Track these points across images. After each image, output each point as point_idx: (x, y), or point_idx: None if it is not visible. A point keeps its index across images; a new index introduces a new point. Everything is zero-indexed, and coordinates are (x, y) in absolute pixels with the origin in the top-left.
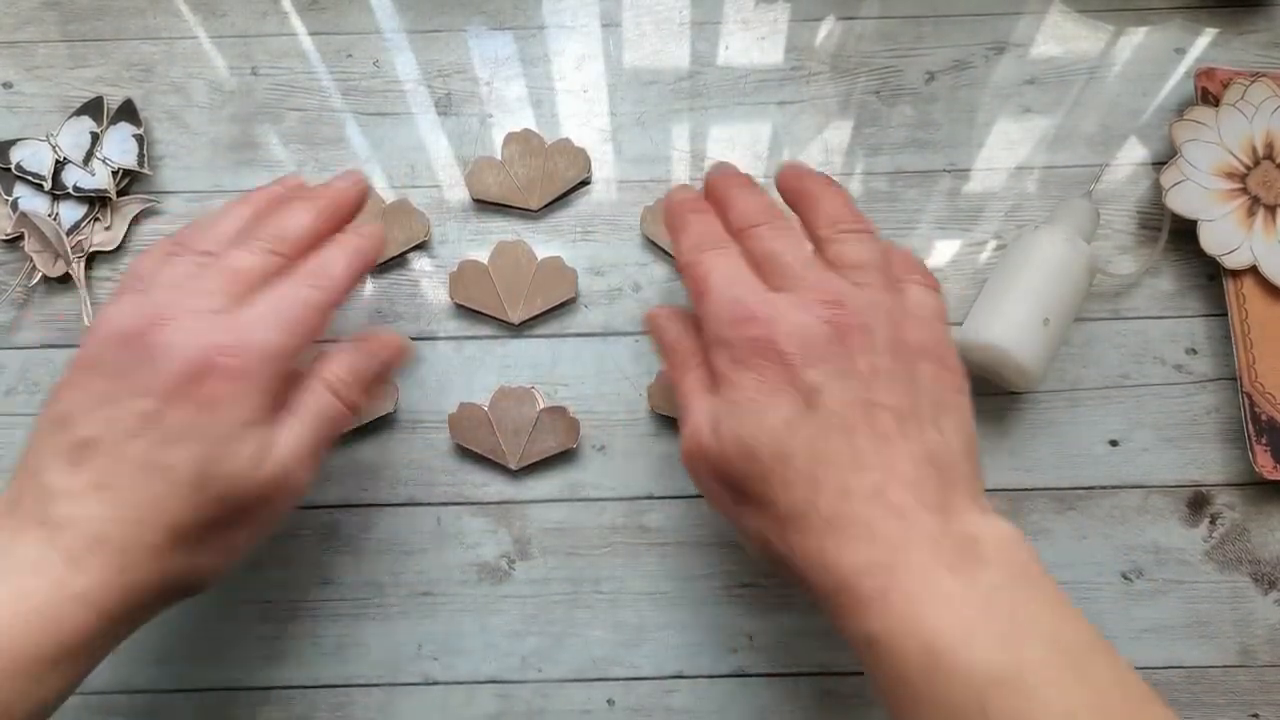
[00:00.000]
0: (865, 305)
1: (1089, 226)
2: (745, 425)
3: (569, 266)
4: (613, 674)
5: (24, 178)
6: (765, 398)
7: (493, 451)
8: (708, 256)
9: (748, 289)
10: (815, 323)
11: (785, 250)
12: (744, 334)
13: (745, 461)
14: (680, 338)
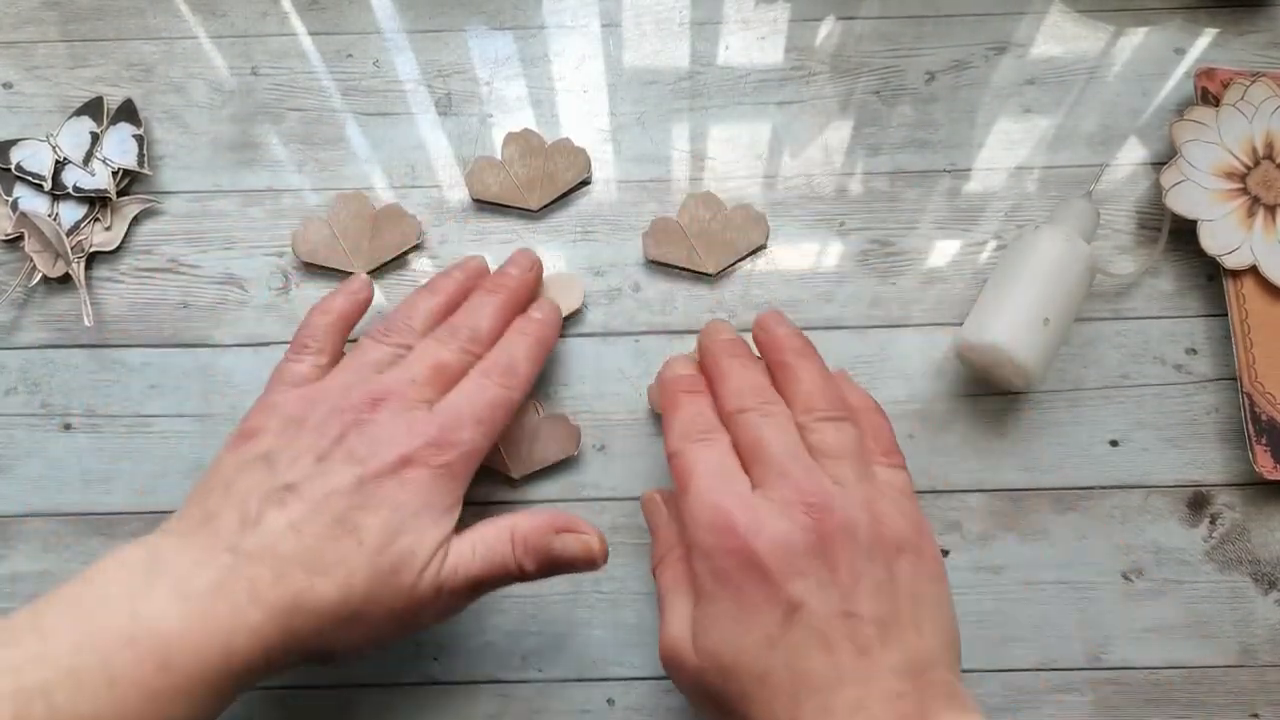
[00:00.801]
0: (846, 505)
1: (1089, 226)
2: (725, 644)
3: (576, 277)
4: (613, 674)
5: (24, 178)
6: (746, 613)
7: (494, 463)
8: (693, 449)
9: (729, 492)
10: (797, 530)
11: (771, 441)
12: (724, 544)
13: (724, 679)
14: (667, 525)
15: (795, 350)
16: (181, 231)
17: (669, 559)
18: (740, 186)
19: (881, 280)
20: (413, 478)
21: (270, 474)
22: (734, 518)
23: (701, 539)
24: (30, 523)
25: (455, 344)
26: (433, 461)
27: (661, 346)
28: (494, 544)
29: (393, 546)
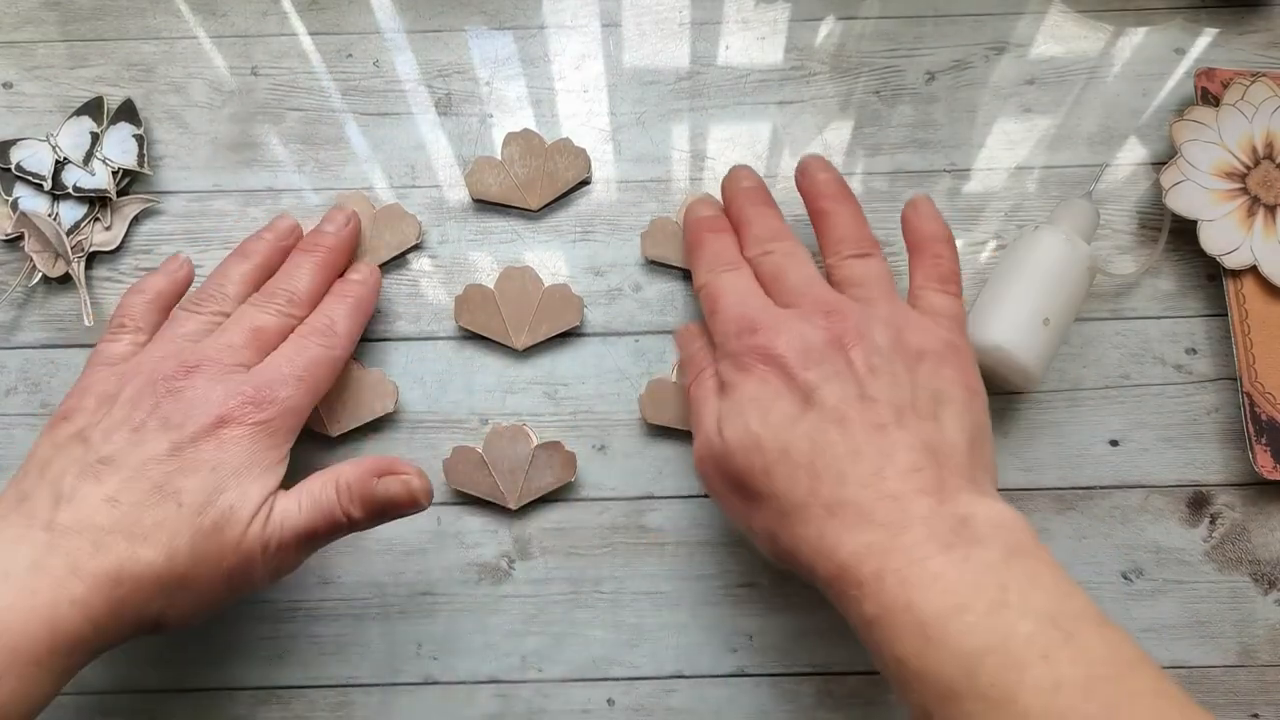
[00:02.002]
0: (862, 315)
1: (1089, 226)
2: (749, 422)
3: (575, 295)
4: (613, 674)
5: (24, 178)
6: (766, 398)
7: (491, 493)
8: (721, 277)
9: (754, 304)
10: (814, 330)
11: (791, 270)
12: (747, 343)
13: (749, 456)
14: (698, 351)
15: (832, 196)
16: (181, 231)
17: (701, 378)
18: None
19: None
20: (232, 437)
21: (85, 450)
22: (756, 321)
23: (728, 344)
24: None
25: (273, 307)
26: (251, 419)
27: (661, 346)
28: (320, 496)
29: (213, 505)
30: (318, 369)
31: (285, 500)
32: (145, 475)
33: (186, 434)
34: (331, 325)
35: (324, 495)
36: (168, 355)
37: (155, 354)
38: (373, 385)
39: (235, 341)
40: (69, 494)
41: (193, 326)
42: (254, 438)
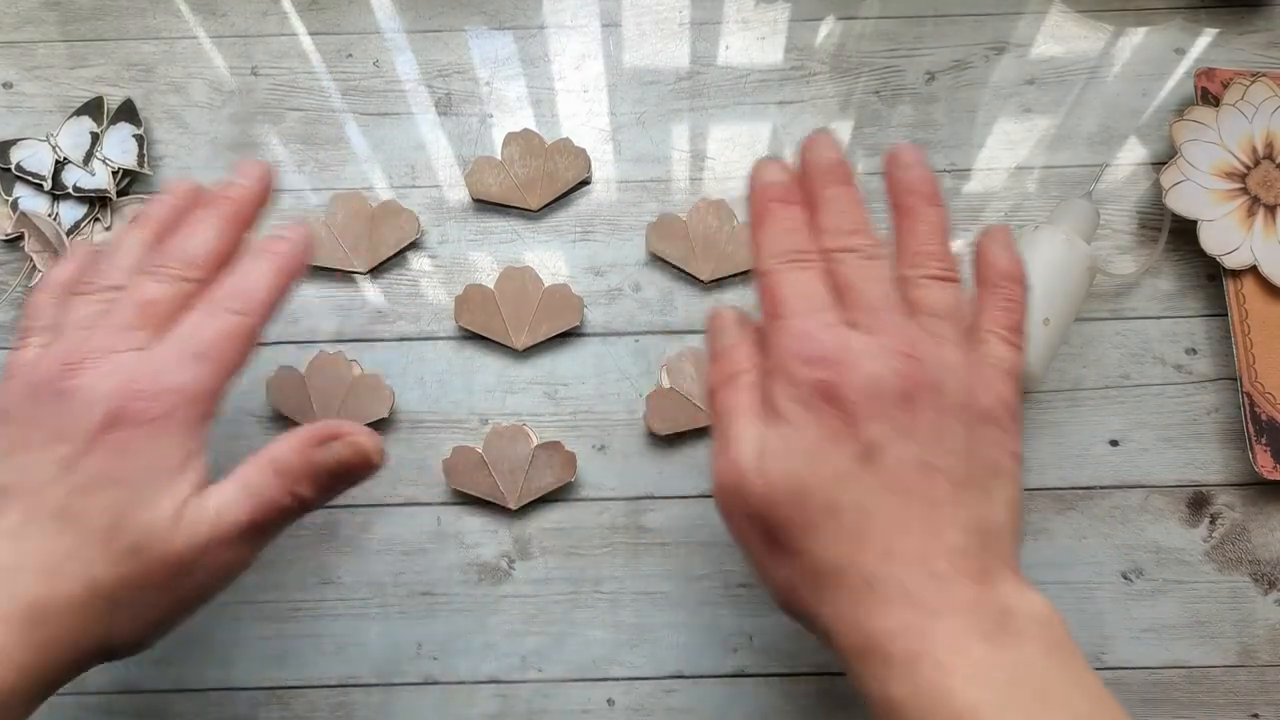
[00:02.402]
0: (938, 363)
1: (1089, 226)
2: (800, 467)
3: (575, 295)
4: (613, 674)
5: (24, 178)
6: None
7: (491, 493)
8: (787, 271)
9: (823, 323)
10: (887, 374)
11: (870, 284)
12: (812, 374)
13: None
14: (736, 346)
15: (924, 195)
16: None
17: (738, 382)
18: (740, 186)
19: None
20: (126, 440)
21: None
22: (826, 349)
23: (789, 366)
24: None
25: (164, 272)
26: (147, 415)
27: (661, 346)
28: (256, 483)
29: (123, 526)
30: (226, 343)
31: (218, 496)
32: (43, 502)
33: (77, 445)
34: (245, 290)
35: (261, 481)
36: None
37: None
38: (369, 389)
39: (124, 321)
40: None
41: (84, 311)
42: (153, 437)
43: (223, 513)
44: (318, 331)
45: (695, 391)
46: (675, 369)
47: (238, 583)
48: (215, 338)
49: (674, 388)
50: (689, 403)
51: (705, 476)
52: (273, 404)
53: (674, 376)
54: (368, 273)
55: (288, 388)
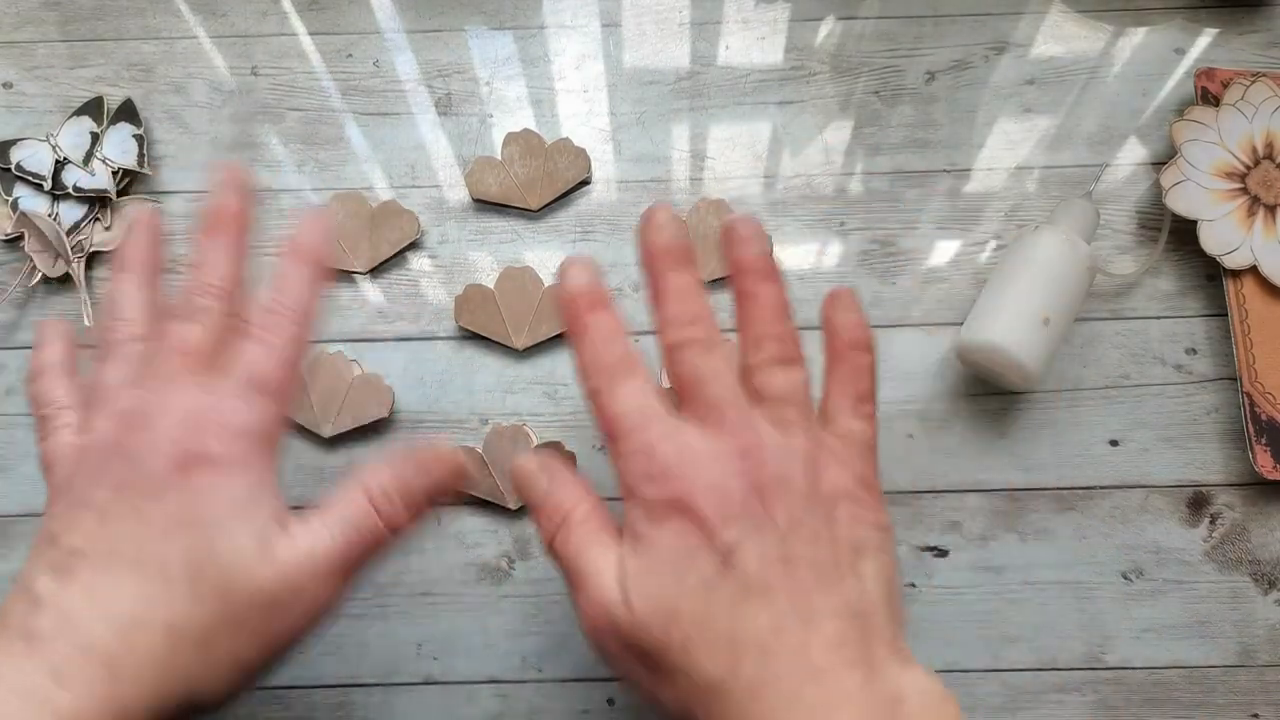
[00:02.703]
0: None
1: (1089, 226)
2: (664, 588)
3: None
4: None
5: (24, 178)
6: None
7: (490, 494)
8: (617, 389)
9: (660, 433)
10: (732, 476)
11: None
12: (659, 491)
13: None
14: (551, 492)
15: (759, 273)
16: (182, 231)
17: (570, 522)
18: (740, 186)
19: (881, 280)
20: (201, 484)
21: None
22: (668, 462)
23: (636, 486)
24: (30, 523)
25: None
26: (214, 455)
27: None
28: (350, 514)
29: (206, 565)
30: (283, 369)
31: (305, 528)
32: (119, 555)
33: (149, 493)
34: (285, 305)
35: (352, 511)
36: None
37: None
38: (369, 389)
39: (173, 368)
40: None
41: (113, 371)
42: (227, 475)
43: (313, 545)
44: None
45: None
46: None
47: None
48: (272, 367)
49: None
50: None
51: None
52: None
53: None
54: (368, 273)
55: None
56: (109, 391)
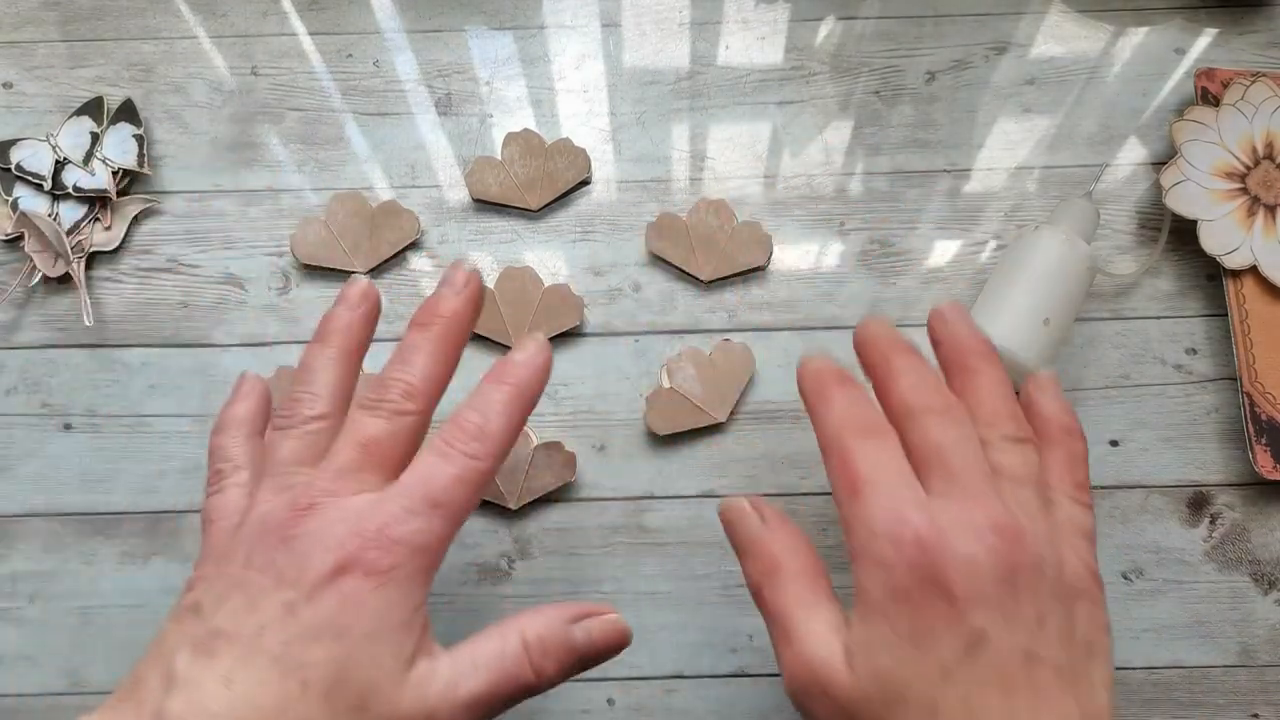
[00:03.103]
0: (1034, 536)
1: (1089, 226)
2: (897, 669)
3: (575, 295)
4: (613, 674)
5: (24, 178)
6: (922, 639)
7: (491, 493)
8: (861, 446)
9: (911, 501)
10: (985, 554)
11: (955, 451)
12: (907, 558)
13: (886, 705)
14: (766, 536)
15: (980, 354)
16: (181, 231)
17: (785, 573)
18: (740, 186)
19: (881, 280)
20: (354, 592)
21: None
22: (920, 531)
23: (879, 550)
24: (30, 523)
25: (385, 408)
26: (377, 566)
27: (661, 346)
28: (500, 654)
29: (346, 684)
30: (460, 490)
31: (452, 662)
32: (261, 647)
33: (302, 590)
34: (480, 427)
35: (508, 653)
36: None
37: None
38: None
39: (348, 463)
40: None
41: (290, 447)
42: (381, 589)
43: (457, 681)
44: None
45: (695, 391)
46: (675, 369)
47: None
48: (449, 484)
49: (674, 388)
50: (689, 403)
51: (705, 475)
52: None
53: (674, 376)
54: (368, 273)
55: (288, 388)
56: (283, 467)
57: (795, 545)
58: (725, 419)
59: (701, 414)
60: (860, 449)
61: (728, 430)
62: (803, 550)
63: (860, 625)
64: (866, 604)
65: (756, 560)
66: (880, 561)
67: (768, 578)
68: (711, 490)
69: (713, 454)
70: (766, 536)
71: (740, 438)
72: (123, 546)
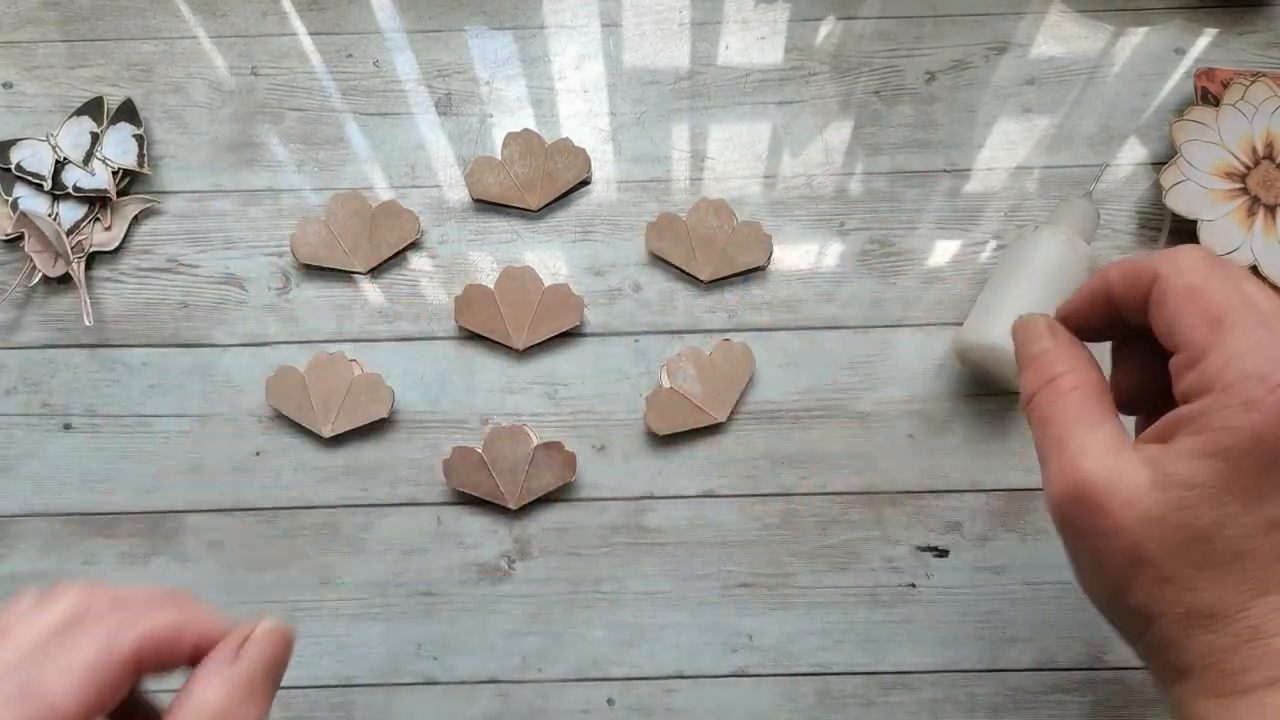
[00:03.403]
0: None
1: (1089, 226)
2: (1218, 508)
3: (575, 295)
4: (613, 674)
5: (24, 178)
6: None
7: (491, 494)
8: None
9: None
10: None
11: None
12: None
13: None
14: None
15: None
16: (181, 231)
17: (1061, 387)
18: (740, 186)
19: (881, 280)
20: None
21: None
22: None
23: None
24: (30, 523)
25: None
26: None
27: (661, 346)
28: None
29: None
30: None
31: None
32: None
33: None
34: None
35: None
36: None
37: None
38: (369, 389)
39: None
40: None
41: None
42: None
43: None
44: (318, 331)
45: (695, 391)
46: (675, 369)
47: (238, 583)
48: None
49: (674, 388)
50: (689, 403)
51: (705, 475)
52: (273, 404)
53: (674, 376)
54: (368, 273)
55: (288, 388)
56: None
57: (1080, 360)
58: (725, 419)
59: (701, 414)
60: (1211, 284)
61: (728, 430)
62: (1088, 367)
63: (1186, 458)
64: (1206, 438)
65: (1035, 371)
66: (1247, 401)
67: (1044, 387)
68: (712, 490)
69: (713, 454)
70: (1051, 348)
71: (740, 438)
72: (122, 546)
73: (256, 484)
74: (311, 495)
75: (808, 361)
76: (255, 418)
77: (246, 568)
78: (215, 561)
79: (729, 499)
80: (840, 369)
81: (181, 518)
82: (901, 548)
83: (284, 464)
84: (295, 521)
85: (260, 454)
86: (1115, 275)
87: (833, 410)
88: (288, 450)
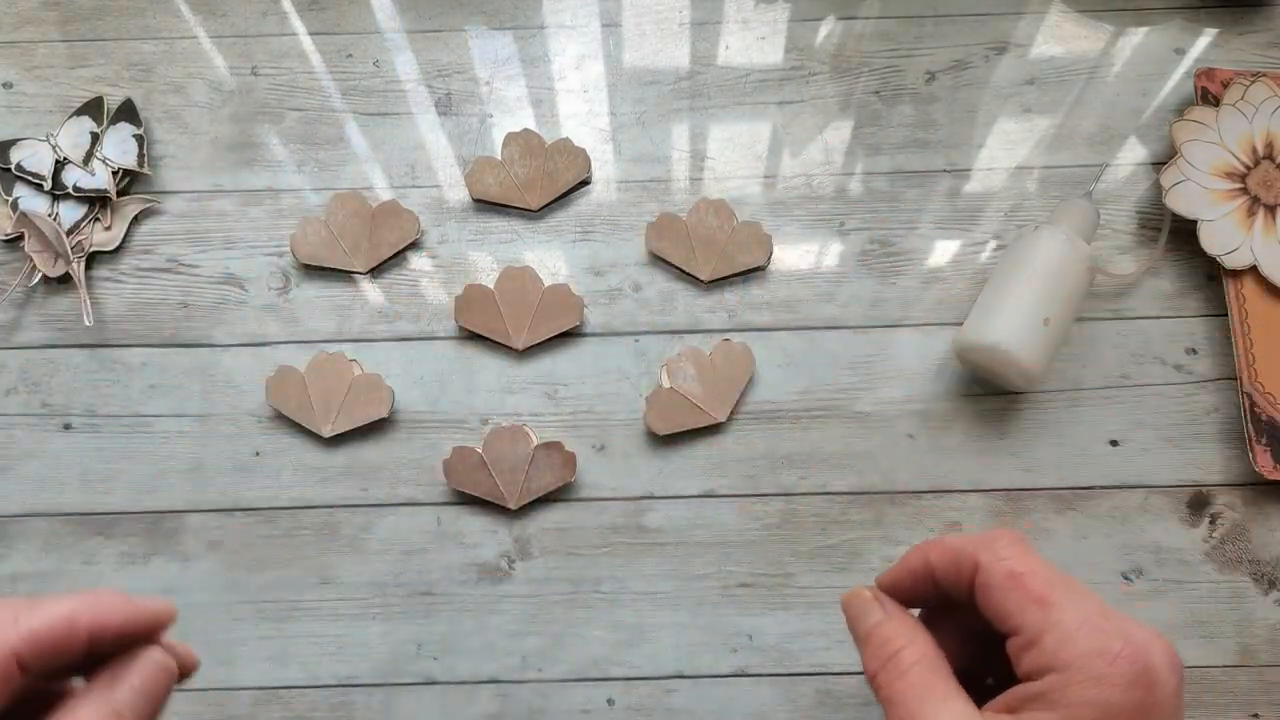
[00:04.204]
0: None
1: (1089, 226)
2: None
3: (575, 295)
4: (613, 674)
5: (24, 178)
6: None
7: (491, 494)
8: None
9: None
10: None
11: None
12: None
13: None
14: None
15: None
16: (181, 231)
17: (903, 662)
18: (740, 186)
19: (881, 280)
20: None
21: None
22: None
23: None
24: (30, 523)
25: None
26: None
27: (661, 346)
28: None
29: None
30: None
31: None
32: None
33: None
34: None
35: None
36: None
37: None
38: (369, 389)
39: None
40: None
41: None
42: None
43: None
44: (318, 331)
45: (695, 391)
46: (675, 369)
47: (238, 583)
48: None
49: (674, 388)
50: (689, 403)
51: (705, 475)
52: (273, 404)
53: (674, 376)
54: (368, 273)
55: (288, 387)
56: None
57: (915, 632)
58: (725, 419)
59: (701, 414)
60: (1030, 566)
61: (728, 430)
62: (923, 638)
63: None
64: (1061, 714)
65: (875, 647)
66: (1094, 677)
67: (886, 664)
68: (711, 490)
69: (713, 454)
70: (884, 620)
71: (740, 438)
72: (122, 546)
73: (256, 484)
74: (311, 495)
75: (808, 361)
76: (255, 418)
77: (246, 568)
78: (215, 561)
79: (729, 499)
80: (840, 369)
81: (181, 518)
82: (901, 548)
83: (284, 464)
84: (295, 521)
85: (260, 454)
86: (936, 559)
87: (833, 410)
88: (288, 450)
